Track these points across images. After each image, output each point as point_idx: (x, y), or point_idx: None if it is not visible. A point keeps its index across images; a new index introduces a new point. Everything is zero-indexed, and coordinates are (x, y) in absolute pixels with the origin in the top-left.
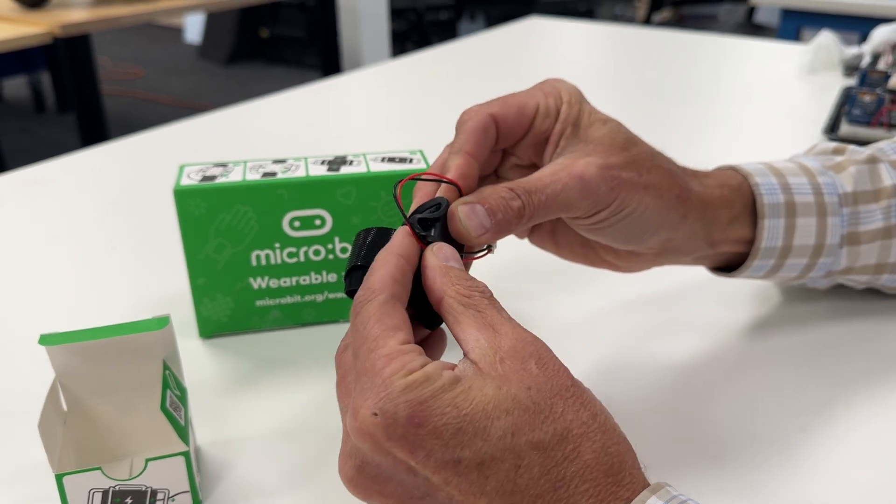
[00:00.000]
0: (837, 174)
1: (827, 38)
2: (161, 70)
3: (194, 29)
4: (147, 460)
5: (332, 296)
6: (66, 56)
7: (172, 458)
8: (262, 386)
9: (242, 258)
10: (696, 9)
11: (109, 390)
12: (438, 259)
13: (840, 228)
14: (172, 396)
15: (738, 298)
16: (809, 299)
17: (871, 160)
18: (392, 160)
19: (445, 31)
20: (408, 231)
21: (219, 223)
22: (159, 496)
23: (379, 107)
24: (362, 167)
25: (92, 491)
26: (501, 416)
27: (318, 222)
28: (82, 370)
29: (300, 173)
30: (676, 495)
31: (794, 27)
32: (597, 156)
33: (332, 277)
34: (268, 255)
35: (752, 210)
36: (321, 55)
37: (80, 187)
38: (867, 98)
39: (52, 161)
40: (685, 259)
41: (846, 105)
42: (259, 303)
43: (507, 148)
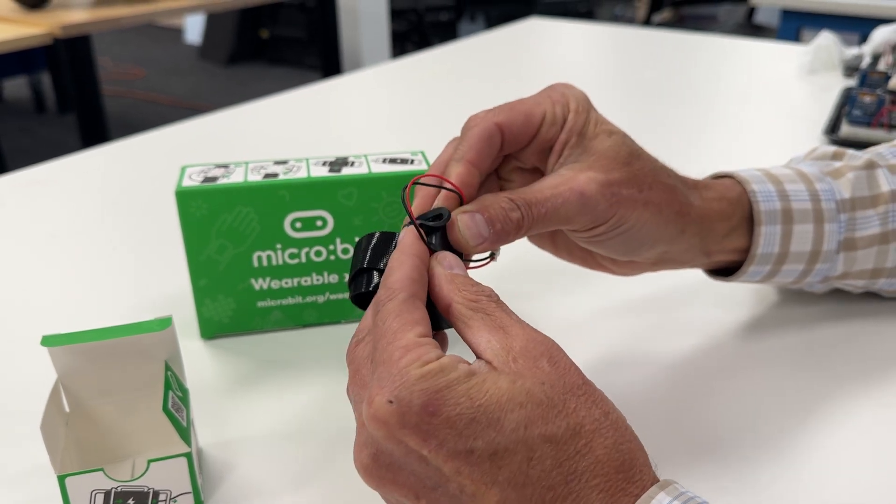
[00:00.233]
0: (835, 180)
1: (827, 39)
2: (161, 71)
3: (194, 29)
4: (149, 461)
5: (333, 297)
6: (67, 57)
7: (174, 459)
8: (264, 387)
9: (244, 259)
10: (696, 9)
11: (111, 391)
12: (443, 267)
13: (837, 235)
14: (174, 397)
15: (737, 299)
16: (807, 300)
17: (870, 165)
18: (393, 161)
19: (445, 31)
20: (415, 234)
21: (220, 224)
22: (161, 497)
23: (379, 107)
24: (363, 168)
25: (94, 492)
26: (515, 409)
27: (319, 223)
28: (84, 371)
29: (301, 174)
30: (684, 492)
31: (793, 28)
32: (598, 170)
33: (334, 278)
34: (269, 256)
35: (749, 220)
36: (321, 56)
37: (80, 188)
38: (867, 99)
39: (52, 162)
40: (681, 267)
41: (846, 106)
42: (260, 304)
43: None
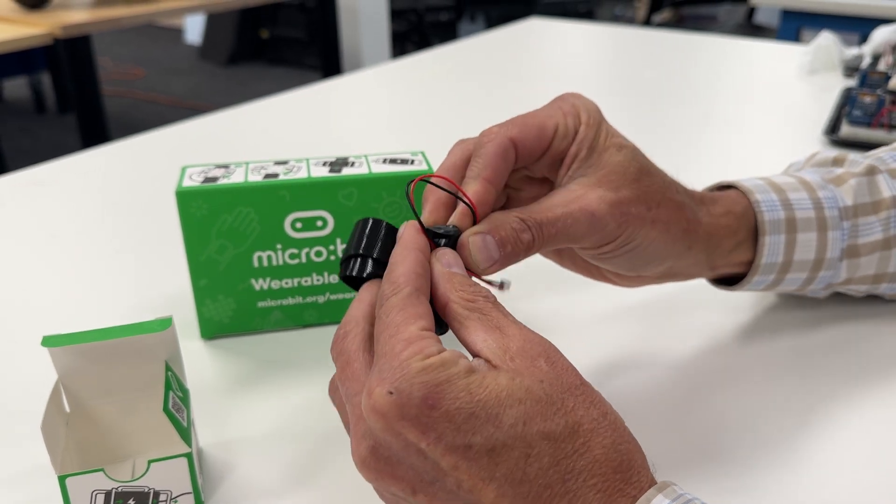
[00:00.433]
0: (837, 187)
1: (827, 39)
2: (161, 71)
3: (195, 30)
4: (149, 462)
5: (333, 297)
6: (67, 57)
7: (175, 459)
8: (264, 387)
9: (244, 259)
10: (695, 9)
11: (112, 391)
12: (442, 265)
13: (840, 242)
14: (175, 398)
15: (737, 302)
16: (807, 303)
17: (870, 171)
18: (393, 161)
19: (445, 32)
20: (417, 228)
21: (221, 224)
22: (162, 497)
23: (379, 108)
24: (364, 168)
25: (94, 492)
26: (514, 405)
27: (319, 223)
28: (85, 371)
29: (302, 175)
30: (682, 494)
31: (794, 28)
32: (608, 187)
33: (334, 279)
34: (269, 257)
35: (755, 233)
36: (321, 56)
37: (81, 188)
38: (867, 99)
39: (52, 162)
40: (686, 279)
41: (846, 106)
42: (261, 304)
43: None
